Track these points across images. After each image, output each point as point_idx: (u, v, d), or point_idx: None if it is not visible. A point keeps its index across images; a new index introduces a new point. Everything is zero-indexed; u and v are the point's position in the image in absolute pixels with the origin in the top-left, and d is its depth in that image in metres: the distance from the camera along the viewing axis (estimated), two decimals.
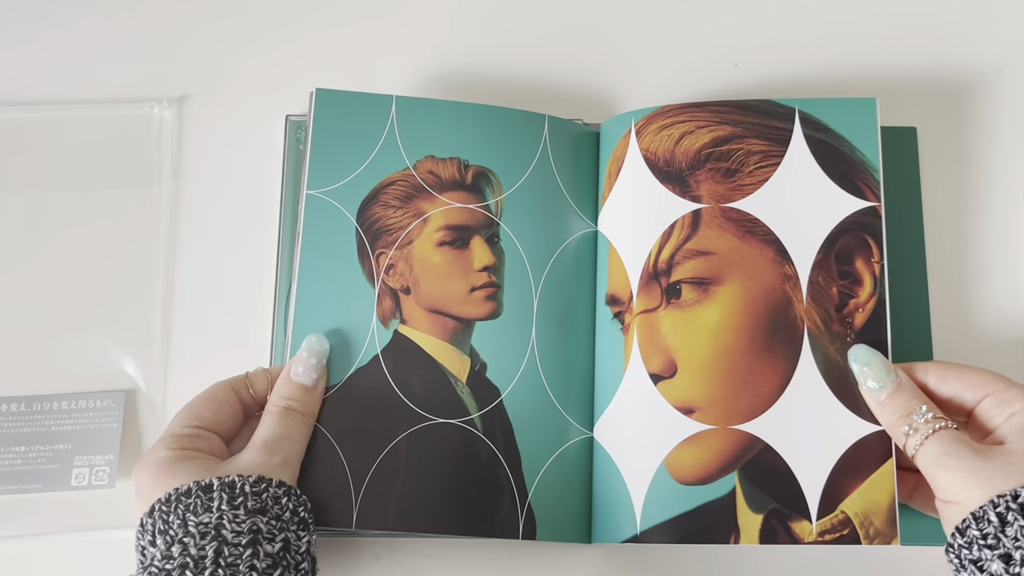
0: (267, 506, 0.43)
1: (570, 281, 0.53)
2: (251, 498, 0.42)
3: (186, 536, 0.40)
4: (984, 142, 0.60)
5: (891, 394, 0.46)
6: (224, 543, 0.40)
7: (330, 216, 0.52)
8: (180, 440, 0.46)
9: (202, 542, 0.40)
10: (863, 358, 0.48)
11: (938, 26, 0.63)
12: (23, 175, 0.60)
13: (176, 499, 0.42)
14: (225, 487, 0.43)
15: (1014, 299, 0.57)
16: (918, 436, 0.44)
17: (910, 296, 0.56)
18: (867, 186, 0.52)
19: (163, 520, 0.42)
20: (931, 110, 0.61)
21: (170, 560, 0.40)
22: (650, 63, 0.63)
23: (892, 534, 0.47)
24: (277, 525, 0.42)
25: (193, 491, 0.42)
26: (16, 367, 0.56)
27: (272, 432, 0.47)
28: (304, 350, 0.49)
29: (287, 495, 0.44)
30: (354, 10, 0.64)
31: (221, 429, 0.48)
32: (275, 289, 0.57)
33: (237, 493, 0.42)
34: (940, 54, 0.62)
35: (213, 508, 0.42)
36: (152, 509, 0.43)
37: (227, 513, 0.41)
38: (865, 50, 0.63)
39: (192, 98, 0.62)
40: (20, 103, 0.61)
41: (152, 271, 0.58)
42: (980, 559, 0.40)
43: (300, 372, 0.49)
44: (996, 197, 0.59)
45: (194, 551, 0.40)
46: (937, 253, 0.58)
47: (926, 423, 0.45)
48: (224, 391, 0.49)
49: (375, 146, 0.54)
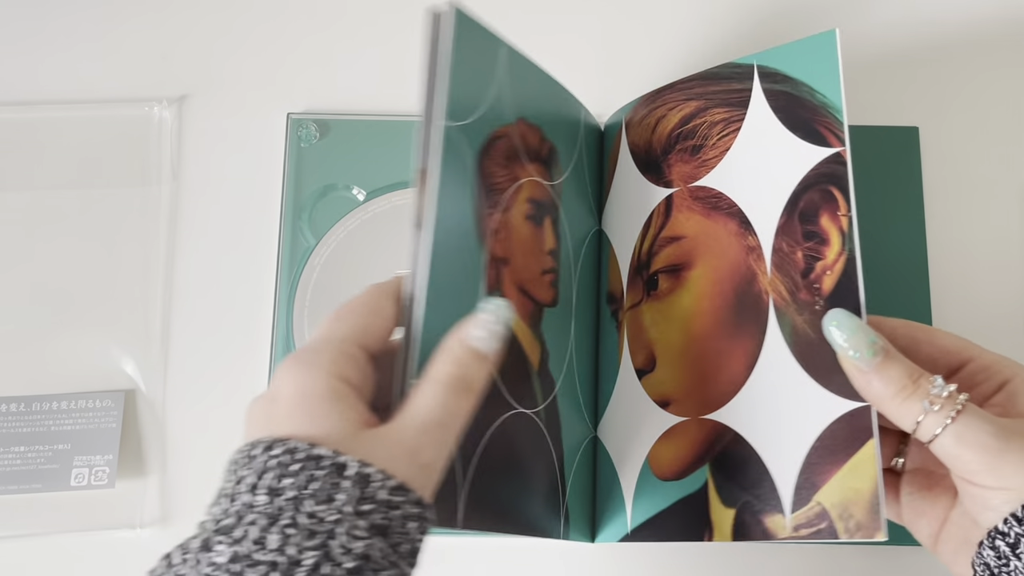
0: (392, 527, 0.33)
1: (587, 278, 0.53)
2: (380, 511, 0.33)
3: (292, 526, 0.32)
4: (985, 141, 0.60)
5: (881, 363, 0.38)
6: (326, 558, 0.31)
7: (458, 156, 0.43)
8: (342, 363, 0.36)
9: (306, 543, 0.31)
10: (842, 324, 0.39)
11: (938, 25, 0.63)
12: (23, 175, 0.59)
13: (305, 460, 0.33)
14: (360, 480, 0.33)
15: (1016, 299, 0.57)
16: (943, 414, 0.36)
17: (911, 296, 0.56)
18: (830, 131, 0.45)
19: (278, 476, 0.33)
20: (932, 109, 0.61)
21: (262, 549, 0.31)
22: (653, 59, 0.63)
23: (875, 527, 0.38)
24: (391, 558, 0.33)
25: (326, 463, 0.33)
26: (16, 367, 0.56)
27: (433, 416, 0.36)
28: (488, 311, 0.38)
29: (418, 520, 0.34)
30: (354, 9, 0.64)
31: (375, 348, 0.38)
32: (275, 289, 0.57)
33: (369, 496, 0.33)
34: (940, 53, 0.62)
35: (336, 504, 0.32)
36: (272, 445, 0.33)
37: (347, 520, 0.32)
38: (866, 49, 0.63)
39: (192, 98, 0.62)
40: (19, 103, 0.61)
41: (152, 271, 0.58)
42: None
43: (481, 337, 0.38)
44: (997, 196, 0.59)
45: (292, 551, 0.31)
46: (938, 252, 0.57)
47: (950, 397, 0.37)
48: (387, 300, 0.39)
49: (491, 90, 0.45)
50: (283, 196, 0.58)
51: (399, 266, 0.57)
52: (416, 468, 0.34)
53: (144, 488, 0.54)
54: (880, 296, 0.56)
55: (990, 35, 0.63)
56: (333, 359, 0.36)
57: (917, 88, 0.61)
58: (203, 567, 0.31)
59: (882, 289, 0.56)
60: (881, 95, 0.61)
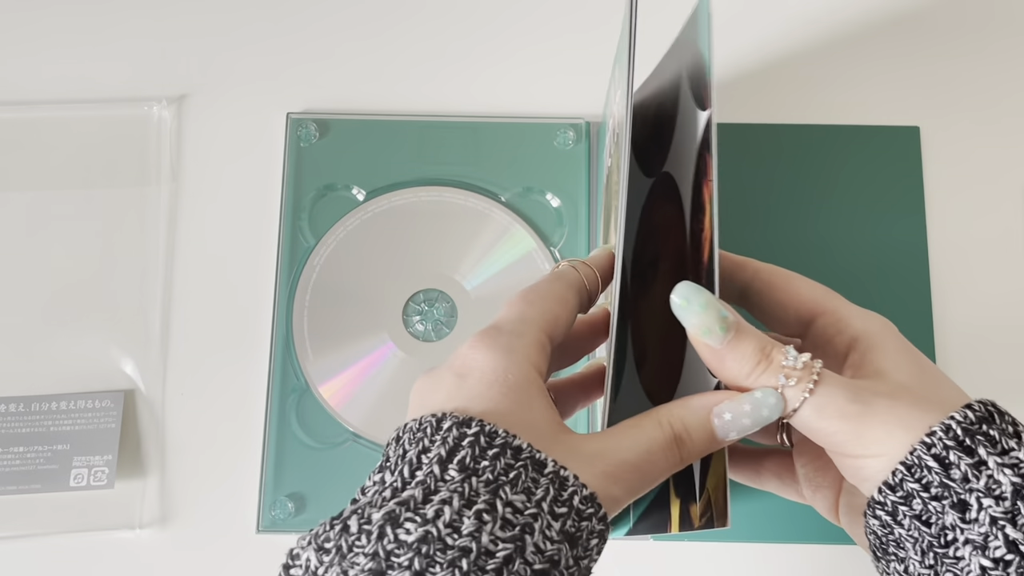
0: (579, 538, 0.31)
1: None
2: (572, 517, 0.30)
3: (489, 513, 0.29)
4: (986, 140, 0.60)
5: (732, 340, 0.34)
6: (520, 554, 0.29)
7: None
8: (537, 350, 0.33)
9: (500, 534, 0.29)
10: (690, 300, 0.35)
11: (939, 24, 0.63)
12: (22, 175, 0.59)
13: (503, 446, 0.30)
14: (556, 480, 0.30)
15: (1017, 298, 0.57)
16: (801, 387, 0.33)
17: (912, 295, 0.56)
18: (706, 92, 0.40)
19: (474, 457, 0.30)
20: (933, 108, 0.61)
21: (455, 533, 0.28)
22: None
23: (725, 514, 0.36)
24: (572, 569, 0.30)
25: (524, 455, 0.31)
26: (15, 367, 0.56)
27: (639, 460, 0.33)
28: (756, 399, 0.34)
29: (599, 538, 0.32)
30: (355, 8, 0.64)
31: (557, 340, 0.36)
32: (274, 288, 0.57)
33: (564, 499, 0.30)
34: (941, 53, 0.62)
35: (534, 498, 0.30)
36: (467, 422, 0.31)
37: (543, 517, 0.30)
38: (866, 48, 0.63)
39: (191, 97, 0.62)
40: (18, 103, 0.61)
41: (151, 271, 0.58)
42: (926, 512, 0.32)
43: (728, 421, 0.34)
44: (998, 196, 0.59)
45: (485, 539, 0.28)
46: (939, 252, 0.57)
47: (805, 368, 0.33)
48: (572, 292, 0.37)
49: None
50: (282, 196, 0.58)
51: (400, 267, 0.57)
52: (607, 497, 0.32)
53: (143, 488, 0.54)
54: (881, 295, 0.56)
55: (991, 35, 0.62)
56: (531, 345, 0.33)
57: (918, 88, 0.61)
58: (387, 542, 0.28)
59: (883, 288, 0.56)
60: (882, 95, 0.61)
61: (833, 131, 0.60)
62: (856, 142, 0.59)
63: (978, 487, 0.31)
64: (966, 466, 0.32)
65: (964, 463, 0.32)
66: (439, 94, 0.62)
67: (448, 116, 0.61)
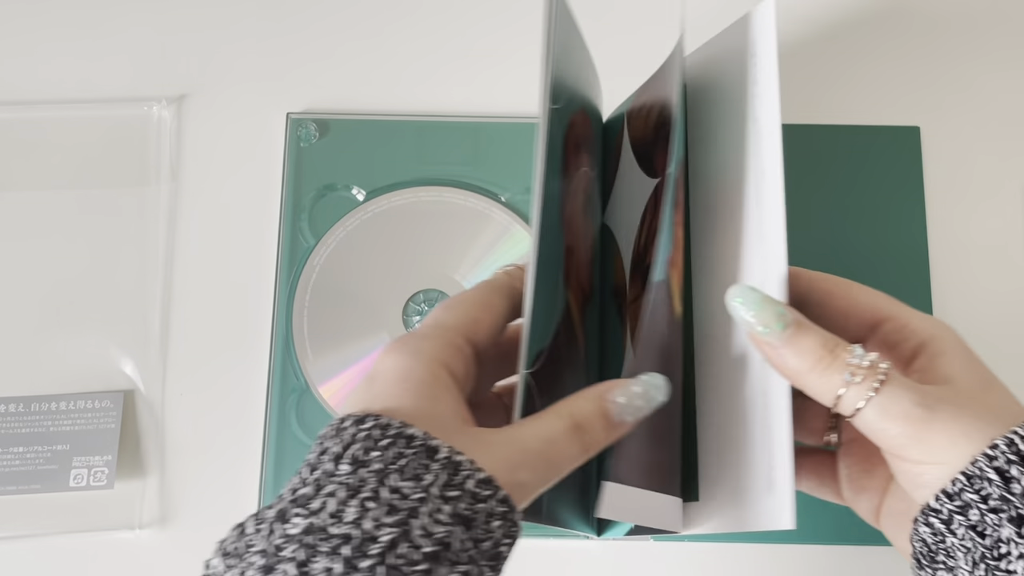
0: (476, 520, 0.31)
1: (596, 273, 0.52)
2: (466, 499, 0.31)
3: (373, 499, 0.30)
4: (986, 140, 0.60)
5: (792, 335, 0.35)
6: (405, 538, 0.29)
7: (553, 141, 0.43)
8: (450, 353, 0.35)
9: (385, 519, 0.29)
10: (746, 298, 0.36)
11: (934, 14, 0.63)
12: (21, 175, 0.59)
13: (396, 436, 0.31)
14: (449, 465, 0.31)
15: (1017, 298, 0.57)
16: (865, 386, 0.33)
17: (912, 295, 0.56)
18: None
19: (365, 449, 0.31)
20: (934, 108, 0.61)
21: (339, 522, 0.29)
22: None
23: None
24: (470, 552, 0.31)
25: (417, 443, 0.31)
26: (14, 367, 0.56)
27: (543, 449, 0.34)
28: (641, 384, 0.36)
29: (503, 519, 0.32)
30: (355, 8, 0.64)
31: (482, 345, 0.37)
32: (274, 289, 0.57)
33: (457, 483, 0.31)
34: (942, 52, 0.62)
35: (423, 483, 0.30)
36: (363, 419, 0.32)
37: (432, 501, 0.30)
38: (867, 48, 0.63)
39: (191, 97, 0.62)
40: (17, 102, 0.61)
41: (151, 271, 0.58)
42: (982, 524, 0.32)
43: (621, 405, 0.36)
44: (999, 196, 0.59)
45: (369, 524, 0.29)
46: (940, 252, 0.57)
47: (871, 367, 0.34)
48: (498, 296, 0.38)
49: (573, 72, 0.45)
50: (282, 196, 0.58)
51: (400, 267, 0.57)
52: (512, 483, 0.32)
53: (143, 489, 0.54)
54: None
55: (991, 35, 0.62)
56: (439, 346, 0.35)
57: (918, 88, 0.61)
58: (276, 538, 0.29)
59: (883, 288, 0.56)
60: (882, 95, 0.61)
61: (833, 131, 0.60)
62: (856, 142, 0.59)
63: None
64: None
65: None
66: (439, 94, 0.62)
67: (448, 116, 0.61)
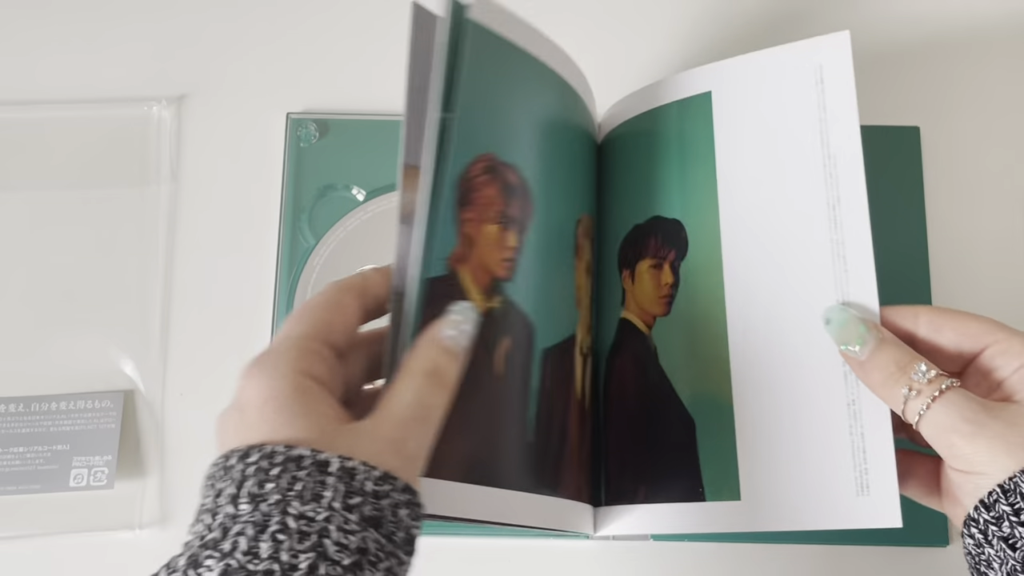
0: (384, 517, 0.33)
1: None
2: (370, 502, 0.32)
3: (283, 532, 0.30)
4: (986, 141, 0.60)
5: (872, 352, 0.40)
6: (322, 558, 0.30)
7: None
8: (308, 359, 0.35)
9: (299, 547, 0.30)
10: (832, 318, 0.42)
11: (935, 16, 0.63)
12: (21, 175, 0.59)
13: (284, 462, 0.32)
14: (344, 475, 0.32)
15: (1016, 298, 0.57)
16: (922, 399, 0.38)
17: (912, 295, 0.56)
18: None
19: (258, 483, 0.32)
20: (933, 109, 0.61)
21: (255, 559, 0.30)
22: (649, 63, 0.63)
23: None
24: (386, 549, 0.32)
25: (307, 462, 0.32)
26: (15, 367, 0.56)
27: (412, 410, 0.35)
28: (457, 312, 0.39)
29: (408, 506, 0.34)
30: (355, 8, 0.64)
31: (340, 345, 0.38)
32: (274, 289, 0.57)
33: (356, 489, 0.32)
34: (941, 53, 0.62)
35: (324, 502, 0.31)
36: (248, 453, 0.33)
37: (338, 515, 0.31)
38: (867, 48, 0.63)
39: (191, 97, 0.62)
40: (18, 102, 0.61)
41: (151, 271, 0.58)
42: (1013, 536, 0.35)
43: (452, 336, 0.38)
44: (998, 196, 0.59)
45: (286, 556, 0.30)
46: (939, 252, 0.57)
47: (930, 383, 0.38)
48: (349, 296, 0.39)
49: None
50: (283, 196, 0.58)
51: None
52: (400, 460, 0.34)
53: (143, 489, 0.54)
54: (881, 295, 0.55)
55: (991, 35, 0.62)
56: (296, 357, 0.35)
57: (918, 88, 0.61)
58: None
59: (883, 289, 0.56)
60: (882, 95, 0.61)
61: None
62: None
63: None
64: None
65: None
66: None
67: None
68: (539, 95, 0.47)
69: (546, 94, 0.48)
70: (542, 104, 0.47)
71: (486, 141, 0.44)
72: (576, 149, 0.51)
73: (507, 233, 0.45)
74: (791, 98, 0.47)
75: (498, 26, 0.44)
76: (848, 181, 0.45)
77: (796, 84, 0.47)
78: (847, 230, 0.44)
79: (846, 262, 0.44)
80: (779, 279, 0.46)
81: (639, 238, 0.51)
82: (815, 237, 0.45)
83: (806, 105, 0.47)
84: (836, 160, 0.45)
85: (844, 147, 0.45)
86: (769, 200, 0.47)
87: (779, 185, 0.46)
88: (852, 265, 0.44)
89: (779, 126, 0.47)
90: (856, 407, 0.43)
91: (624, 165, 0.53)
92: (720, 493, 0.44)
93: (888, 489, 0.41)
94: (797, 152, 0.47)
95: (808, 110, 0.47)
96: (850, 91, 0.46)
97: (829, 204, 0.45)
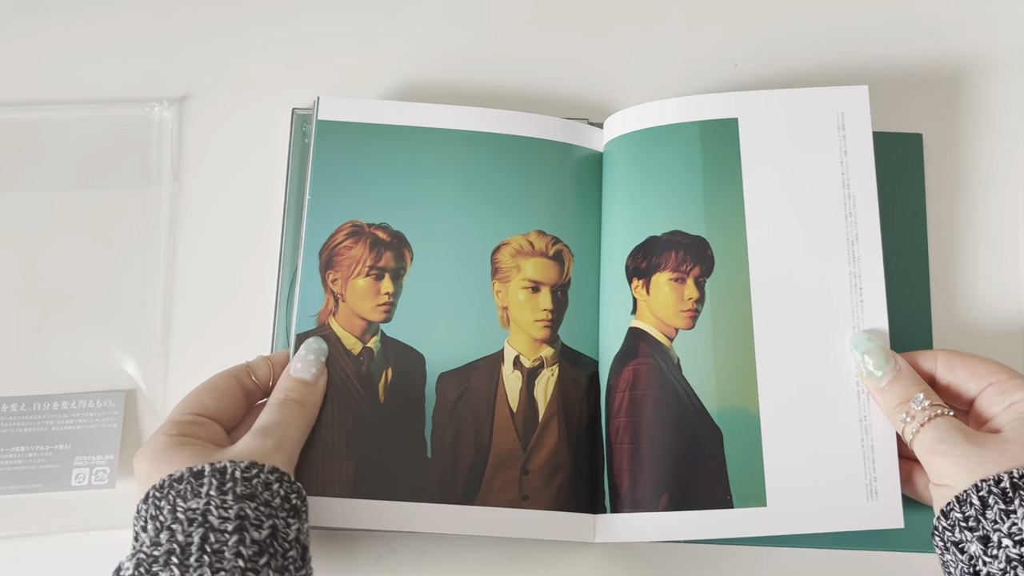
0: (256, 492, 0.43)
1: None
2: (241, 484, 0.43)
3: (175, 523, 0.41)
4: (983, 141, 0.60)
5: (891, 381, 0.48)
6: (210, 529, 0.40)
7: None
8: (179, 427, 0.46)
9: (189, 528, 0.40)
10: (863, 346, 0.49)
11: (938, 26, 0.63)
12: (23, 175, 0.59)
13: (169, 485, 0.43)
14: (216, 473, 0.43)
15: (1013, 297, 0.57)
16: (915, 423, 0.46)
17: (912, 298, 0.56)
18: None
19: (155, 506, 0.42)
20: (931, 109, 0.61)
21: (158, 547, 0.40)
22: (650, 62, 0.63)
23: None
24: (266, 511, 0.42)
25: (185, 477, 0.43)
26: (16, 367, 0.56)
27: (268, 419, 0.48)
28: (303, 349, 0.51)
29: (279, 481, 0.44)
30: (355, 7, 0.64)
31: (222, 417, 0.49)
32: (276, 289, 0.57)
33: (227, 479, 0.43)
34: (940, 53, 0.62)
35: (202, 494, 0.42)
36: (147, 496, 0.43)
37: (215, 499, 0.41)
38: (865, 49, 0.63)
39: (192, 98, 0.61)
40: (19, 103, 0.61)
41: (152, 271, 0.58)
42: (961, 541, 0.41)
43: (299, 368, 0.50)
44: (998, 202, 0.59)
45: (181, 537, 0.40)
46: (939, 256, 0.58)
47: (923, 410, 0.46)
48: (225, 379, 0.50)
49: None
50: (287, 193, 0.58)
51: None
52: (262, 452, 0.45)
53: None
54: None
55: (992, 42, 0.62)
56: (167, 427, 0.46)
57: (921, 95, 0.61)
58: None
59: (886, 291, 0.56)
60: (885, 102, 0.60)
61: None
62: None
63: (1002, 528, 0.40)
64: (999, 510, 0.40)
65: (999, 507, 0.40)
66: (439, 94, 0.61)
67: None
68: (405, 156, 0.54)
69: (419, 149, 0.55)
70: (414, 161, 0.54)
71: (347, 210, 0.54)
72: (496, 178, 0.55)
73: (380, 283, 0.53)
74: (816, 140, 0.53)
75: (346, 116, 0.54)
76: (865, 221, 0.52)
77: (820, 127, 0.53)
78: (863, 265, 0.52)
79: (862, 293, 0.51)
80: (802, 304, 0.52)
81: (656, 250, 0.52)
82: (836, 269, 0.52)
83: (829, 148, 0.53)
84: (856, 201, 0.52)
85: (863, 190, 0.52)
86: (793, 230, 0.52)
87: (803, 218, 0.52)
88: (867, 296, 0.51)
89: (804, 163, 0.53)
90: (867, 422, 0.50)
91: (634, 173, 0.54)
92: (747, 500, 0.49)
93: (893, 494, 0.49)
94: (821, 190, 0.52)
95: (831, 153, 0.53)
96: (868, 140, 0.52)
97: (848, 240, 0.52)
